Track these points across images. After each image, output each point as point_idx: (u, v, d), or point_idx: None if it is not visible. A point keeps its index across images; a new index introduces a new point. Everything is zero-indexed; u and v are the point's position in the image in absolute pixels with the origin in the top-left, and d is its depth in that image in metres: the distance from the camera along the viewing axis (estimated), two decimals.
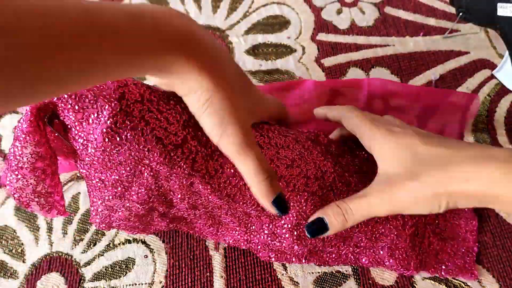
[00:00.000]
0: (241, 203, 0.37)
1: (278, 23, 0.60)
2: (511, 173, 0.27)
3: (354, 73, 0.54)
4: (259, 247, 0.41)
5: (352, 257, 0.41)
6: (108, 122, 0.31)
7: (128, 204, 0.37)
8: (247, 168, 0.29)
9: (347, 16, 0.60)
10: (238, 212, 0.39)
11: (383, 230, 0.39)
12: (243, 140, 0.29)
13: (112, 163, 0.33)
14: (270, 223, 0.39)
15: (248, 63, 0.56)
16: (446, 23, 0.58)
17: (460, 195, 0.29)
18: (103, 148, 0.32)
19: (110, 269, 0.43)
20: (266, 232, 0.40)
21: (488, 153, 0.29)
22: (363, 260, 0.41)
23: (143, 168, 0.33)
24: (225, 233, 0.42)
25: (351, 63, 0.55)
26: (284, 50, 0.57)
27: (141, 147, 0.32)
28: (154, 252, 0.43)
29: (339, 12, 0.61)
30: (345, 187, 0.38)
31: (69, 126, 0.32)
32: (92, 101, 0.31)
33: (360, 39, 0.58)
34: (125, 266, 0.43)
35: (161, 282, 0.42)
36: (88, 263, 0.43)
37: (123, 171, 0.33)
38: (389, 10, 0.60)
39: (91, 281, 0.42)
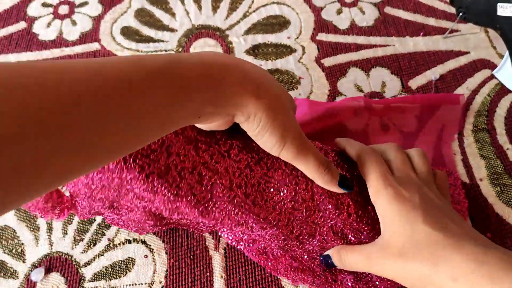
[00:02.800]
0: (229, 226, 0.36)
1: (278, 23, 0.60)
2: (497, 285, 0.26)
3: (354, 73, 0.54)
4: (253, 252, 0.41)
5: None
6: None
7: (117, 211, 0.38)
8: (308, 167, 0.32)
9: (347, 16, 0.60)
10: (227, 228, 0.39)
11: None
12: (300, 144, 0.31)
13: (96, 186, 0.33)
14: (259, 237, 0.39)
15: None
16: (446, 23, 0.58)
17: None
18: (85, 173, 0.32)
19: (110, 269, 0.43)
20: (254, 250, 0.41)
21: (483, 258, 0.27)
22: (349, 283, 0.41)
23: (127, 192, 0.33)
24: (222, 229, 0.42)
25: (351, 63, 0.55)
26: (284, 50, 0.57)
27: (123, 175, 0.31)
28: (154, 252, 0.43)
29: (339, 12, 0.61)
30: (334, 209, 0.36)
31: None
32: None
33: (360, 39, 0.58)
34: (125, 266, 0.43)
35: (161, 282, 0.42)
36: (88, 263, 0.43)
37: (108, 192, 0.33)
38: (389, 10, 0.60)
39: (91, 281, 0.42)
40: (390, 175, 0.33)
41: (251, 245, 0.41)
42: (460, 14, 0.51)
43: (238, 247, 0.42)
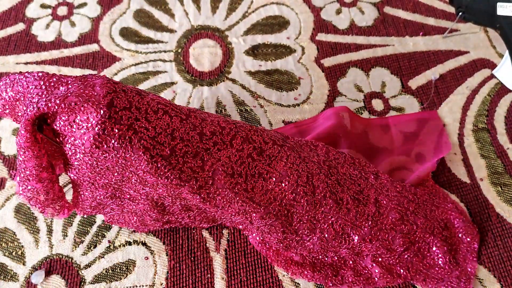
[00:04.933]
0: (229, 215, 0.37)
1: (277, 24, 0.60)
2: None
3: (354, 73, 0.54)
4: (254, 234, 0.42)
5: (336, 258, 0.41)
6: (96, 129, 0.31)
7: (120, 202, 0.38)
8: None
9: (346, 16, 0.60)
10: (228, 217, 0.39)
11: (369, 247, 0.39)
12: None
13: (100, 168, 0.33)
14: (257, 230, 0.40)
15: (247, 64, 0.56)
16: (446, 22, 0.58)
17: None
18: (91, 153, 0.32)
19: (110, 271, 0.43)
20: (257, 238, 0.42)
21: None
22: (350, 262, 0.41)
23: (131, 175, 0.33)
24: (224, 221, 0.43)
25: (351, 63, 0.55)
26: (283, 51, 0.57)
27: (128, 155, 0.32)
28: (155, 254, 0.43)
29: (338, 12, 0.61)
30: (335, 204, 0.38)
31: (58, 132, 0.32)
32: (81, 107, 0.30)
33: (360, 39, 0.58)
34: (125, 268, 0.43)
35: (162, 284, 0.42)
36: (88, 265, 0.43)
37: (111, 176, 0.34)
38: (388, 10, 0.60)
39: (91, 283, 0.42)
40: None
41: (254, 234, 0.42)
42: (460, 13, 0.51)
43: (243, 232, 0.42)
